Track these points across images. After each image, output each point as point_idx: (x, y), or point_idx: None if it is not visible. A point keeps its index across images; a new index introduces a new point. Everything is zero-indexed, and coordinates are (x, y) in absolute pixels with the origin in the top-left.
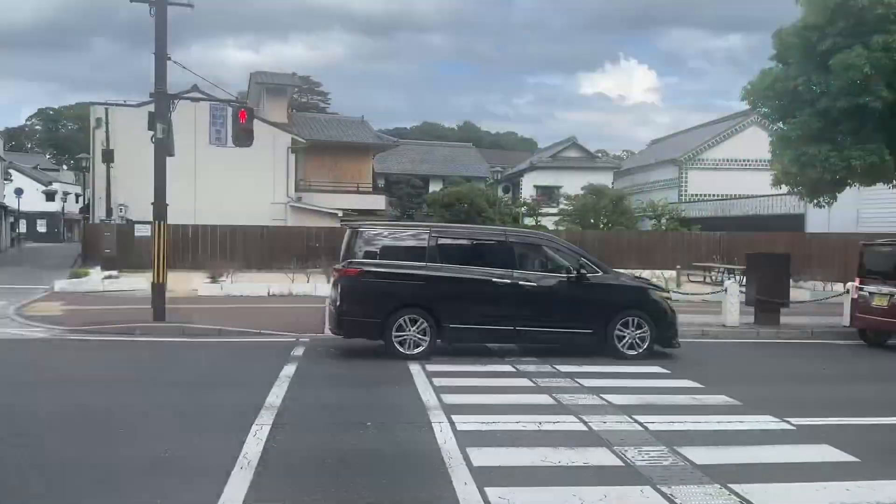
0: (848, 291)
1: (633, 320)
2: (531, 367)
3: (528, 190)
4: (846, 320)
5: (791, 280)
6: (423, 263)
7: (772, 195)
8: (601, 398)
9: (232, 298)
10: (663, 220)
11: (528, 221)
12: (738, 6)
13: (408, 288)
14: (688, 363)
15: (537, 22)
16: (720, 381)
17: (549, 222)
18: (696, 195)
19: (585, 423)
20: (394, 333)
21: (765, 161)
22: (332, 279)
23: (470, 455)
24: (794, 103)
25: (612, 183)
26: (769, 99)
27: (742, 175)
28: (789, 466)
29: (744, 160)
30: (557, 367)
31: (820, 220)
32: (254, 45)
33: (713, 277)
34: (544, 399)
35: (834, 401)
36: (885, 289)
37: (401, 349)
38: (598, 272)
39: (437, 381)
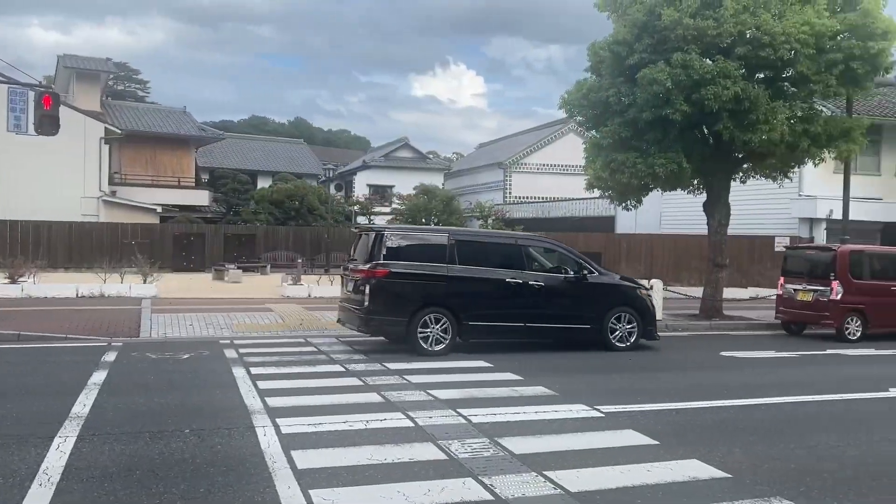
0: (652, 287)
1: (623, 316)
2: (360, 367)
3: (361, 189)
4: (659, 314)
5: None
6: (444, 265)
7: (587, 198)
8: (428, 394)
9: (35, 300)
10: (490, 221)
11: (362, 220)
12: (558, 19)
13: (431, 288)
14: (510, 358)
15: (370, 20)
16: (539, 374)
17: (381, 221)
18: (520, 197)
19: (412, 419)
20: (418, 331)
21: (581, 166)
22: (350, 280)
23: (294, 458)
24: (605, 113)
25: (443, 184)
26: (584, 108)
27: (561, 179)
28: (598, 452)
29: (563, 165)
30: (387, 364)
31: (628, 221)
32: (63, 26)
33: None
34: (373, 397)
35: (641, 389)
36: (810, 287)
37: (425, 346)
38: (594, 273)
39: (263, 385)
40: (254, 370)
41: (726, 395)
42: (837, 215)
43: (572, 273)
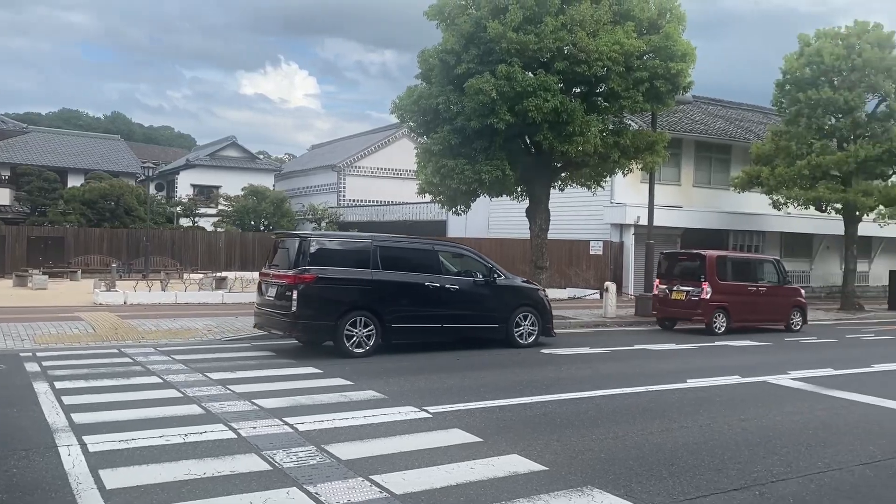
0: None
1: (527, 316)
2: (180, 378)
3: (184, 189)
4: None
5: None
6: (368, 270)
7: (420, 202)
8: (253, 403)
9: None
10: (323, 224)
11: (185, 222)
12: (391, 25)
13: (356, 292)
14: (340, 363)
15: (195, 14)
16: (369, 377)
17: (207, 223)
18: (354, 200)
19: (235, 430)
20: (345, 334)
21: (413, 171)
22: (272, 285)
23: (103, 477)
24: (436, 120)
25: (274, 185)
26: (415, 114)
27: (395, 183)
28: (425, 452)
29: (397, 169)
30: (209, 375)
31: (459, 225)
32: None
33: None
34: (192, 409)
35: (468, 387)
36: (683, 287)
37: (350, 348)
38: (502, 276)
39: (68, 400)
40: (59, 384)
41: (547, 390)
42: (644, 221)
43: (482, 276)
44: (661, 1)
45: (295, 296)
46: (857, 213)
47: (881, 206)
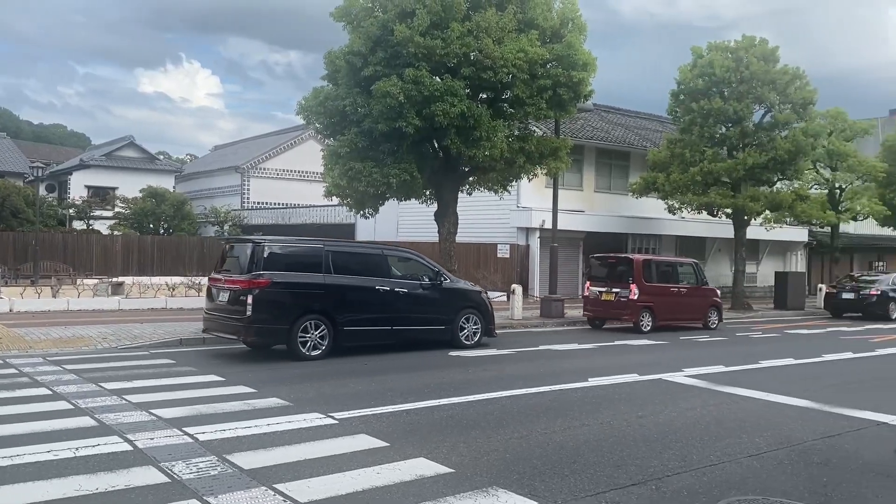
0: None
1: (471, 317)
2: (72, 388)
3: (77, 190)
4: None
5: None
6: (321, 274)
7: (327, 205)
8: (150, 414)
9: None
10: (226, 227)
11: (78, 225)
12: (296, 25)
13: (310, 296)
14: (245, 370)
15: (89, 8)
16: (274, 384)
17: (102, 226)
18: (259, 203)
19: (131, 442)
20: (299, 337)
21: (320, 173)
22: (223, 290)
23: None
24: (343, 122)
25: (174, 187)
26: (321, 116)
27: (302, 185)
28: (331, 459)
29: (303, 171)
30: (103, 385)
31: (368, 228)
32: None
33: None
34: (85, 421)
35: (375, 392)
36: (613, 289)
37: (304, 351)
38: (448, 279)
39: None
40: None
41: (455, 392)
42: (549, 225)
43: (428, 280)
44: (563, 10)
45: (250, 300)
46: (746, 217)
47: (767, 211)
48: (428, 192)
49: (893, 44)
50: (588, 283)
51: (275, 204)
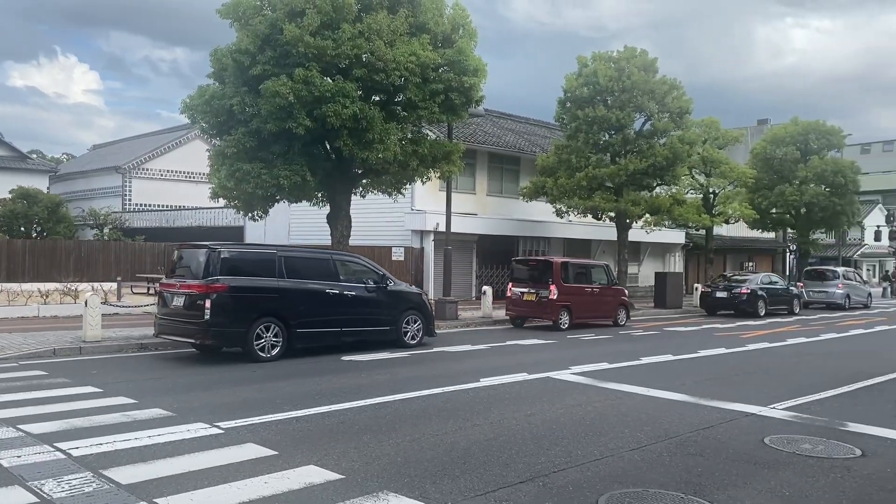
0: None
1: (413, 318)
2: None
3: None
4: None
5: None
6: (274, 279)
7: (214, 207)
8: (18, 429)
9: None
10: (106, 230)
11: None
12: (182, 20)
13: (265, 300)
14: (124, 381)
15: None
16: (155, 394)
17: None
18: (142, 204)
19: None
20: (254, 340)
21: (207, 174)
22: (179, 296)
23: None
24: (230, 121)
25: (49, 188)
26: (207, 115)
27: (188, 186)
28: (216, 470)
29: (189, 172)
30: None
31: (258, 231)
32: None
33: (157, 289)
34: None
35: (264, 399)
36: (533, 289)
37: (260, 353)
38: (392, 282)
39: None
40: None
41: (347, 397)
42: (443, 228)
43: (374, 283)
44: (454, 16)
45: (208, 304)
46: (628, 220)
47: (648, 215)
48: (320, 195)
49: (761, 58)
50: (511, 284)
51: (159, 206)
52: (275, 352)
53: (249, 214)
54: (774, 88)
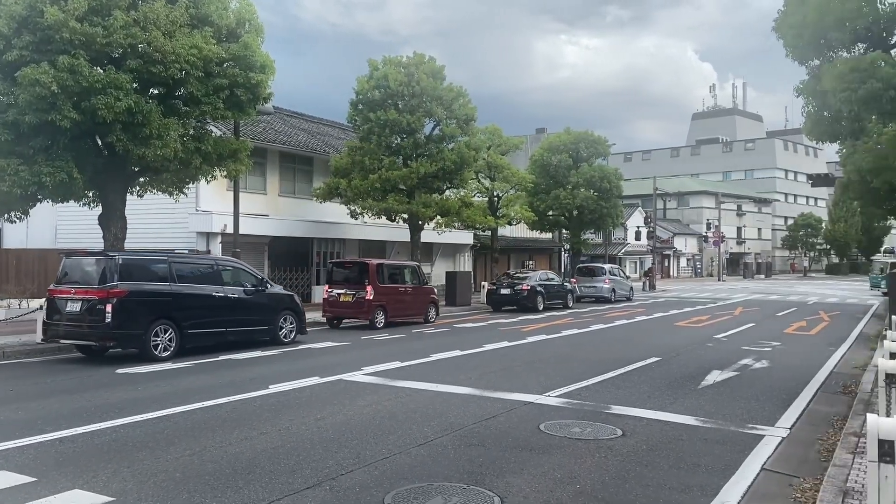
0: (42, 307)
1: (288, 318)
2: None
3: None
4: (39, 336)
5: None
6: (167, 283)
7: None
8: None
9: None
10: None
11: None
12: None
13: (159, 304)
14: None
15: None
16: None
17: None
18: None
19: None
20: (151, 341)
21: None
22: (75, 301)
23: None
24: None
25: None
26: None
27: None
28: None
29: None
30: None
31: (18, 234)
32: None
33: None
34: None
35: (21, 421)
36: (350, 290)
37: (157, 354)
38: (269, 285)
39: None
40: None
41: (120, 413)
42: (231, 229)
43: (252, 286)
44: (239, 10)
45: (109, 309)
46: (420, 222)
47: (438, 216)
48: (91, 194)
49: (539, 71)
50: (327, 286)
51: None
52: (168, 352)
53: (6, 216)
54: (551, 99)
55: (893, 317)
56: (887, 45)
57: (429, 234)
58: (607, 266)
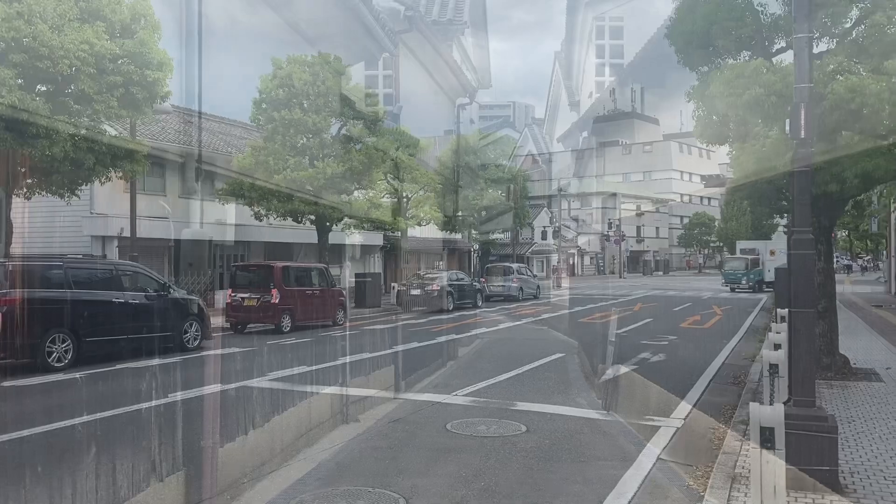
0: None
1: (193, 324)
2: None
3: None
4: None
5: None
6: (63, 290)
7: None
8: None
9: None
10: None
11: None
12: None
13: (54, 312)
14: None
15: None
16: None
17: None
18: None
19: None
20: (46, 350)
21: None
22: None
23: None
24: None
25: None
26: None
27: None
28: None
29: None
30: None
31: None
32: None
33: None
34: None
35: None
36: (254, 294)
37: (52, 363)
38: (174, 291)
39: None
40: None
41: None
42: (129, 233)
43: (155, 291)
44: (134, 5)
45: None
46: (328, 223)
47: (347, 218)
48: None
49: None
50: (230, 290)
51: None
52: (63, 363)
53: None
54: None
55: (778, 310)
56: (769, 53)
57: (338, 236)
58: (515, 265)
